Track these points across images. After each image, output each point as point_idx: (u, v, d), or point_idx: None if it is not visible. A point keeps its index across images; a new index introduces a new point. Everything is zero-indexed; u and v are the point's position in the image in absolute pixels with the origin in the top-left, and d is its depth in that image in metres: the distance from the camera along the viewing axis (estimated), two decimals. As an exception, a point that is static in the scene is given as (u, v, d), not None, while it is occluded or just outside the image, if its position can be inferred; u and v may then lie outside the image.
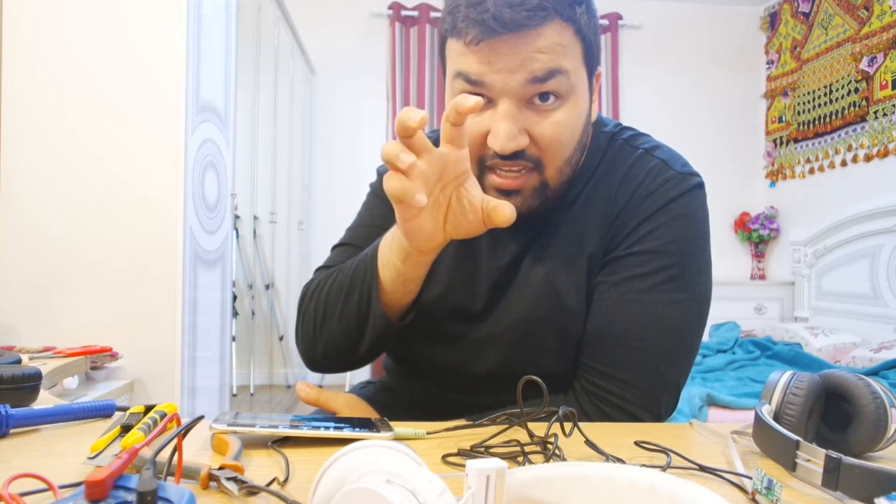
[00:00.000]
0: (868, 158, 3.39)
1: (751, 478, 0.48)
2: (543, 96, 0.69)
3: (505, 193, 0.72)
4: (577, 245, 0.78)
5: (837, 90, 3.61)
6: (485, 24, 0.65)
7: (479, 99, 0.58)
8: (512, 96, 0.68)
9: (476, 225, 0.67)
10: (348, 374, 3.88)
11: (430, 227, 0.66)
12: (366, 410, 0.76)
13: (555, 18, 0.67)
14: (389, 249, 0.72)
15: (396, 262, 0.71)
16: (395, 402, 0.93)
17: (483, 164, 0.72)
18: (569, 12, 0.67)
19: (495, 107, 0.69)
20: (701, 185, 0.79)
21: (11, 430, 0.59)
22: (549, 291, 0.78)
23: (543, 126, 0.70)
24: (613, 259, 0.77)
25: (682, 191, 0.77)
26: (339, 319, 0.78)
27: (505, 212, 0.65)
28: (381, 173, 0.96)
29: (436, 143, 0.84)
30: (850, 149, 3.52)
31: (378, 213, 0.88)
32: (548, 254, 0.79)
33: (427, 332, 0.84)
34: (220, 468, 0.47)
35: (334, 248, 0.92)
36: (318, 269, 0.88)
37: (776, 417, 0.58)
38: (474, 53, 0.67)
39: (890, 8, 3.25)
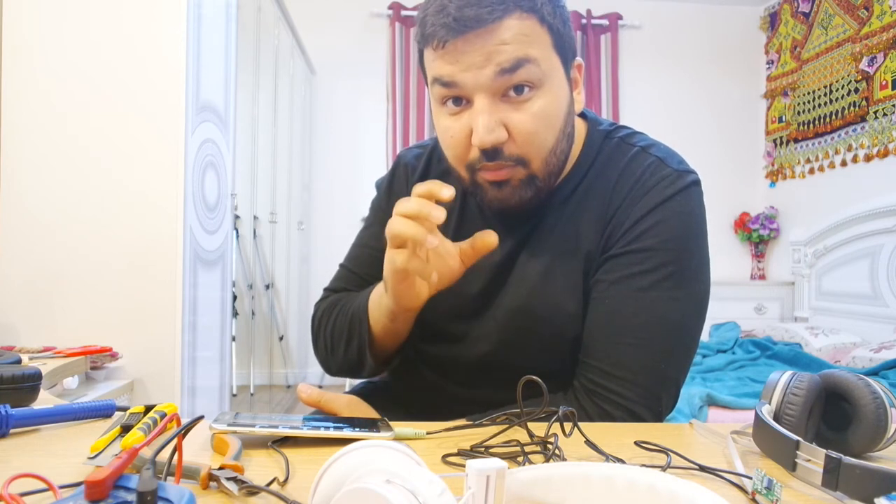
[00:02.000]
0: (868, 158, 3.39)
1: (751, 478, 0.48)
2: (518, 89, 0.70)
3: (497, 186, 0.75)
4: (574, 243, 0.79)
5: (837, 90, 3.61)
6: (447, 26, 0.68)
7: (452, 191, 0.65)
8: (485, 91, 0.70)
9: (458, 269, 0.74)
10: (348, 374, 3.88)
11: (418, 288, 0.73)
12: (367, 412, 0.76)
13: (514, 11, 0.68)
14: (378, 310, 0.79)
15: (385, 321, 0.79)
16: (394, 402, 0.93)
17: (472, 169, 0.75)
18: (528, 3, 0.69)
19: (472, 105, 0.71)
20: (697, 183, 0.79)
21: (11, 430, 0.59)
22: (544, 288, 0.79)
23: (520, 118, 0.71)
24: (611, 257, 0.77)
25: (679, 188, 0.77)
26: (344, 355, 0.88)
27: (487, 239, 0.72)
28: (379, 187, 0.98)
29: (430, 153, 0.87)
30: (850, 149, 3.52)
31: (376, 233, 0.92)
32: (543, 250, 0.80)
33: (425, 327, 0.87)
34: (220, 468, 0.47)
35: (340, 265, 0.98)
36: (326, 290, 0.96)
37: (776, 417, 0.58)
38: (443, 57, 0.70)
39: (890, 8, 3.25)
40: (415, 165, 0.93)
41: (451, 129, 0.74)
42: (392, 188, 0.95)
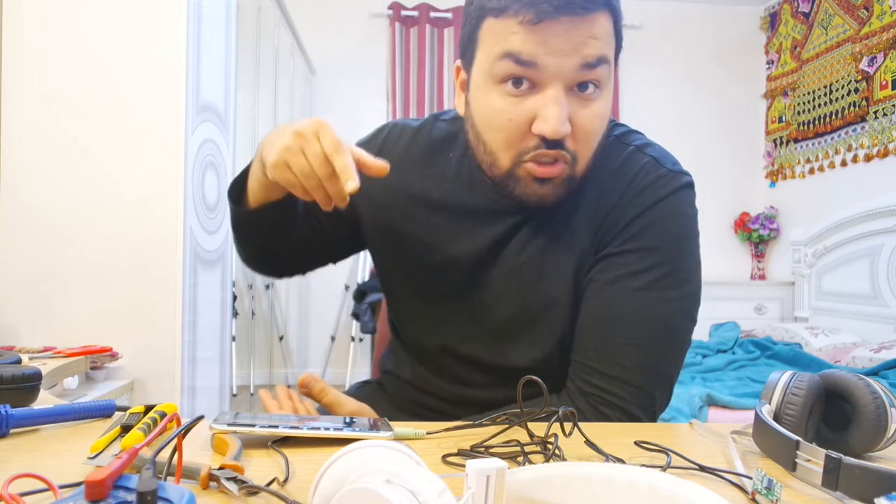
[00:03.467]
0: (868, 158, 3.39)
1: (751, 478, 0.48)
2: (582, 86, 0.69)
3: (540, 182, 0.72)
4: (567, 240, 0.78)
5: (837, 90, 3.61)
6: (543, 4, 0.65)
7: (357, 185, 0.63)
8: (562, 80, 0.68)
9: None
10: (348, 374, 3.89)
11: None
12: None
13: (604, 9, 0.68)
14: (259, 172, 0.78)
15: (262, 180, 0.78)
16: (387, 402, 0.93)
17: (521, 156, 0.72)
18: (615, 4, 0.70)
19: (542, 91, 0.69)
20: (691, 184, 0.79)
21: (11, 430, 0.59)
22: (535, 282, 0.79)
23: (584, 115, 0.70)
24: (605, 256, 0.77)
25: (674, 189, 0.77)
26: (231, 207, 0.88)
27: (380, 165, 0.69)
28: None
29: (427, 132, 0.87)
30: (850, 149, 3.52)
31: None
32: (535, 244, 0.79)
33: (415, 309, 0.87)
34: (220, 468, 0.47)
35: None
36: None
37: (776, 417, 0.58)
38: (530, 33, 0.66)
39: (890, 8, 3.25)
40: (400, 135, 0.90)
41: (509, 112, 0.70)
42: (364, 148, 0.93)
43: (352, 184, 0.64)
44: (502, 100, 0.70)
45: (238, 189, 0.85)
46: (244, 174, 0.84)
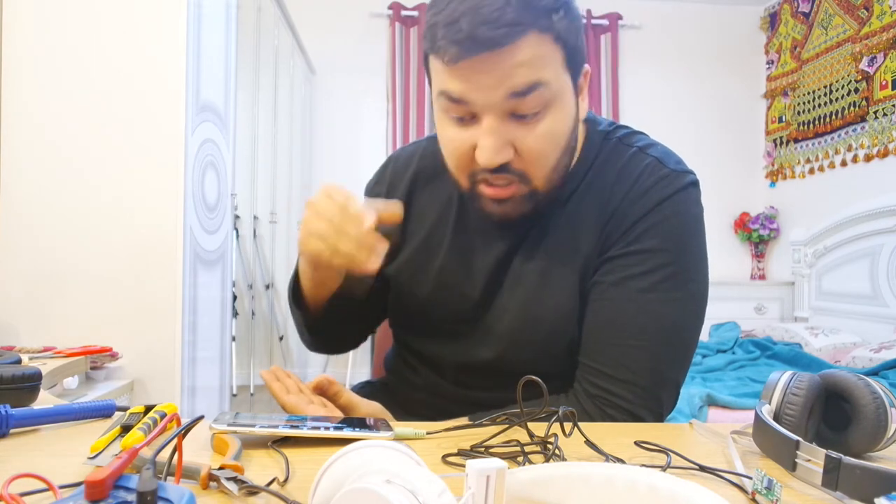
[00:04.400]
0: (868, 158, 3.39)
1: (751, 478, 0.48)
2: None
3: (497, 202, 0.74)
4: (572, 244, 0.79)
5: (837, 90, 3.61)
6: (461, 44, 0.65)
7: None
8: (495, 112, 0.68)
9: (376, 251, 0.72)
10: (348, 374, 3.89)
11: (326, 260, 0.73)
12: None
13: (530, 31, 0.65)
14: (302, 263, 0.82)
15: (309, 270, 0.81)
16: (393, 403, 0.93)
17: (473, 178, 0.74)
18: (545, 22, 0.66)
19: (480, 122, 0.70)
20: (695, 184, 0.79)
21: (11, 430, 0.59)
22: (541, 289, 0.79)
23: (529, 139, 0.70)
24: (610, 258, 0.77)
25: (677, 188, 0.77)
26: (292, 313, 0.92)
27: (393, 209, 0.75)
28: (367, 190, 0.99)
29: (427, 152, 0.89)
30: (850, 149, 3.52)
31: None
32: (540, 251, 0.80)
33: (426, 324, 0.87)
34: (220, 468, 0.47)
35: None
36: None
37: (776, 417, 0.58)
38: (453, 73, 0.67)
39: (890, 8, 3.25)
40: (406, 164, 0.93)
41: (455, 141, 0.73)
42: (377, 187, 0.95)
43: (368, 221, 0.68)
44: (450, 129, 0.73)
45: (298, 300, 0.89)
46: (296, 282, 0.88)
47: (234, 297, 3.00)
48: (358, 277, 0.81)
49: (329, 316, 0.88)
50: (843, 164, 3.57)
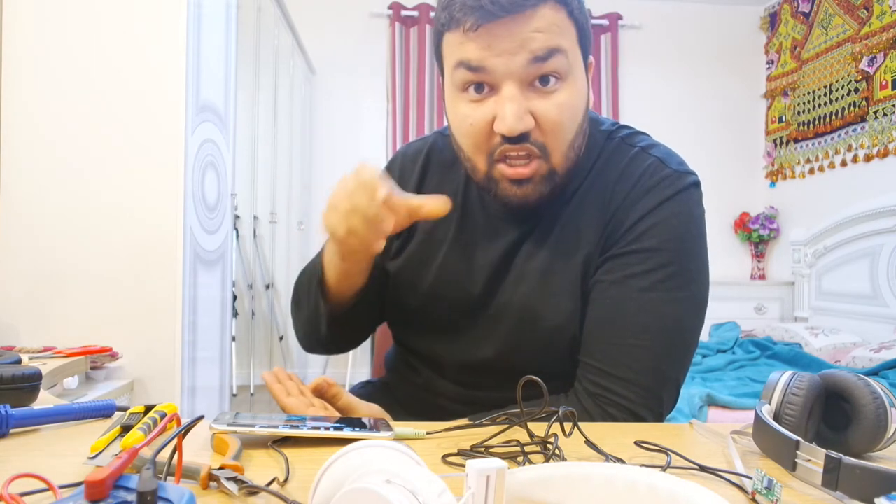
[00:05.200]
0: (868, 158, 3.39)
1: (751, 478, 0.48)
2: (544, 79, 0.70)
3: (517, 183, 0.74)
4: (574, 242, 0.79)
5: (837, 90, 3.61)
6: (482, 9, 0.67)
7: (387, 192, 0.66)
8: (515, 78, 0.69)
9: (404, 221, 0.71)
10: (348, 373, 3.89)
11: (362, 238, 0.71)
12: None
13: (548, 1, 0.68)
14: (330, 251, 0.79)
15: (337, 260, 0.78)
16: (393, 402, 0.93)
17: (492, 157, 0.74)
18: None
19: (499, 92, 0.70)
20: (697, 184, 0.79)
21: (11, 430, 0.59)
22: (543, 286, 0.79)
23: (547, 107, 0.71)
24: (611, 257, 0.77)
25: (679, 189, 0.77)
26: (306, 307, 0.88)
27: (438, 204, 0.69)
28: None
29: (433, 147, 0.88)
30: (850, 149, 3.52)
31: None
32: (543, 249, 0.80)
33: (426, 320, 0.87)
34: (220, 468, 0.47)
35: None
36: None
37: (776, 417, 0.58)
38: (474, 40, 0.69)
39: (890, 8, 3.25)
40: (414, 158, 0.93)
41: (470, 117, 0.73)
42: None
43: (381, 192, 0.66)
44: (465, 106, 0.73)
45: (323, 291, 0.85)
46: (317, 271, 0.84)
47: (234, 297, 3.00)
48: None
49: (356, 309, 0.86)
50: (843, 164, 3.57)
